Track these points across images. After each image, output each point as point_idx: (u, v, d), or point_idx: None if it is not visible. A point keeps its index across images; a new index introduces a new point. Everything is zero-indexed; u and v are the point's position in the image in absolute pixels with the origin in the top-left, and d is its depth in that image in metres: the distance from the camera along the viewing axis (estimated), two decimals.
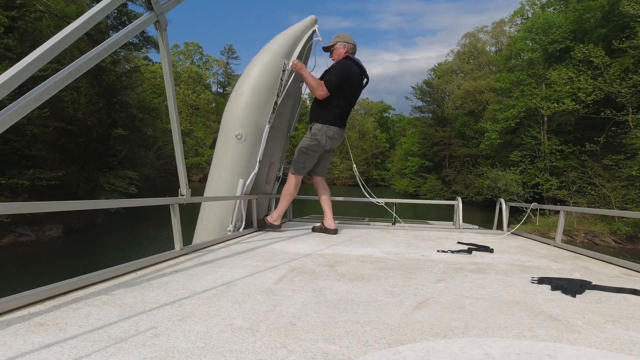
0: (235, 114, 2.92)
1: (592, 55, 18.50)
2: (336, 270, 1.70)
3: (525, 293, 1.40)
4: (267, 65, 2.94)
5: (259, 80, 2.92)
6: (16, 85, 0.96)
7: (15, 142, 10.88)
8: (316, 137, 2.94)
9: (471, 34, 38.87)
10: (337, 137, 2.99)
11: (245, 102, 2.91)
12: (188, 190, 2.01)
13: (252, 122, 2.91)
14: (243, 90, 2.93)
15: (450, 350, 0.85)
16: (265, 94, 2.93)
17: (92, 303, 1.15)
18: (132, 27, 1.49)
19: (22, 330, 0.93)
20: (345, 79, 2.88)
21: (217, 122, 45.62)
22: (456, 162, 34.89)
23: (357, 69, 2.95)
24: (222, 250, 2.11)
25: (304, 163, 2.99)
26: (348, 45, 3.03)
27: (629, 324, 1.11)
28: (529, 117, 22.75)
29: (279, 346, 0.88)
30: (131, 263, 1.58)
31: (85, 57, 1.24)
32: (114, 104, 16.15)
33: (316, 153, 3.00)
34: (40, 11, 12.86)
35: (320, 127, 2.94)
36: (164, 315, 1.07)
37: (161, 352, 0.83)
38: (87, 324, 0.98)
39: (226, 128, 2.95)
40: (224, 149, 2.94)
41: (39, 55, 1.01)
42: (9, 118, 0.97)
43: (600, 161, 18.23)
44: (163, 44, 1.70)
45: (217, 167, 2.98)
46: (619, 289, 1.46)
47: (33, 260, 9.73)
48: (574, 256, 2.27)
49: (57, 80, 1.12)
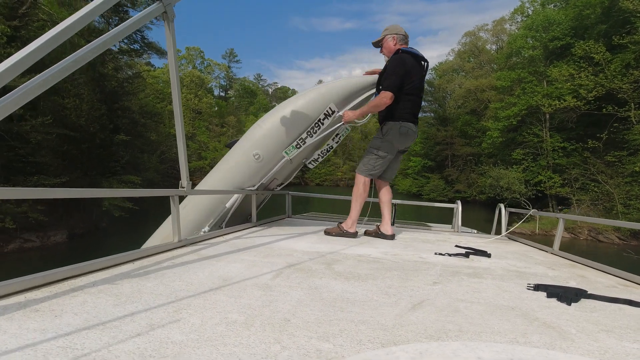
0: (264, 132, 2.85)
1: (592, 52, 18.41)
2: (333, 268, 1.71)
3: (521, 299, 1.40)
4: (313, 101, 2.85)
5: (298, 111, 2.83)
6: (19, 72, 0.95)
7: (20, 150, 11.05)
8: (387, 137, 2.72)
9: (472, 33, 38.82)
10: (411, 134, 2.74)
11: (276, 126, 2.83)
12: (189, 182, 2.01)
13: (273, 148, 2.84)
14: (280, 113, 2.85)
15: (442, 353, 0.85)
16: (297, 126, 2.85)
17: (89, 291, 1.15)
18: (139, 17, 1.46)
19: (18, 315, 0.94)
20: (405, 74, 2.66)
21: (220, 125, 45.87)
22: (459, 161, 34.77)
23: (413, 60, 2.72)
24: (220, 244, 2.10)
25: (374, 165, 2.78)
26: (398, 36, 2.81)
27: (623, 334, 1.10)
28: (530, 114, 22.66)
29: (273, 342, 0.89)
30: (129, 253, 1.58)
31: (89, 47, 1.23)
32: (116, 110, 16.32)
33: (388, 155, 2.78)
34: (43, 20, 13.05)
35: (392, 125, 2.70)
36: (159, 306, 1.07)
37: (155, 343, 0.84)
38: (82, 312, 0.99)
39: (249, 140, 2.88)
40: (236, 158, 2.89)
41: (38, 46, 1.00)
42: (11, 104, 0.97)
43: (603, 158, 18.12)
44: (170, 35, 1.70)
45: (220, 170, 2.95)
46: (614, 299, 1.45)
47: (39, 266, 9.87)
48: (571, 264, 2.26)
49: (61, 68, 1.12)
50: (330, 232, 2.78)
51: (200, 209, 2.86)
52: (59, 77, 1.12)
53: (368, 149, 2.83)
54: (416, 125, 2.80)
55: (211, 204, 2.86)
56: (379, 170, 2.81)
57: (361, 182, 2.80)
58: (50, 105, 12.01)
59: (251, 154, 2.83)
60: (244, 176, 2.88)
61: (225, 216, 2.90)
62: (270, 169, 2.93)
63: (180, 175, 2.04)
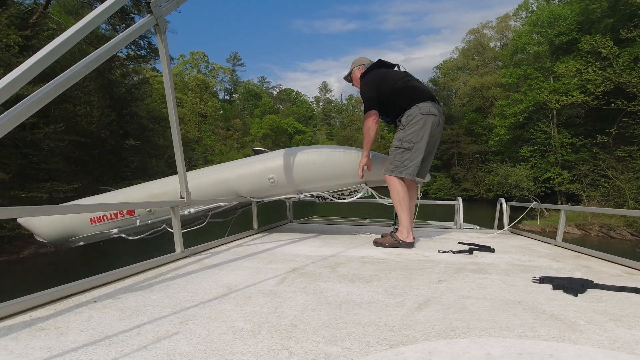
0: (291, 164, 2.74)
1: (600, 46, 18.26)
2: (337, 271, 1.70)
3: (527, 293, 1.40)
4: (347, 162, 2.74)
5: (334, 171, 2.72)
6: (17, 89, 0.95)
7: (33, 157, 11.24)
8: (410, 125, 2.40)
9: (476, 30, 38.66)
10: (435, 112, 2.42)
11: (306, 167, 2.74)
12: (188, 193, 2.01)
13: (290, 183, 2.77)
14: (317, 157, 2.73)
15: (451, 351, 0.85)
16: (323, 182, 2.77)
17: (94, 307, 1.15)
18: (131, 30, 1.47)
19: (24, 335, 0.93)
20: (378, 80, 2.53)
21: (225, 128, 46.10)
22: (465, 160, 34.60)
23: (378, 67, 2.65)
24: (223, 253, 2.10)
25: (402, 159, 2.42)
26: (363, 66, 2.73)
27: (631, 322, 1.10)
28: (537, 111, 22.51)
29: (281, 348, 0.88)
30: (132, 266, 1.58)
31: (85, 61, 1.23)
32: (125, 116, 16.55)
33: (415, 145, 2.40)
34: (53, 29, 13.28)
35: (410, 112, 2.41)
36: (165, 318, 1.06)
37: (163, 356, 0.83)
38: (88, 328, 0.98)
39: (273, 161, 2.78)
40: (253, 169, 2.81)
41: (38, 60, 1.01)
42: (10, 121, 0.97)
43: (612, 153, 17.93)
44: (162, 46, 1.71)
45: (222, 171, 2.88)
46: (620, 288, 1.44)
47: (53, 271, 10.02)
48: (575, 255, 2.27)
49: (57, 84, 1.12)
50: (384, 243, 2.42)
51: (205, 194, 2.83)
52: (55, 93, 1.11)
53: (391, 148, 2.52)
54: (436, 104, 2.47)
55: (214, 192, 2.83)
56: (412, 165, 2.41)
57: (395, 184, 2.44)
58: (62, 112, 12.21)
59: (268, 176, 2.76)
60: (251, 188, 2.82)
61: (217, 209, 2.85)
62: (276, 194, 2.89)
63: (179, 179, 2.03)
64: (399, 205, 2.45)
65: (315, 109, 67.87)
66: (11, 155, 10.59)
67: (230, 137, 46.03)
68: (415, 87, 2.53)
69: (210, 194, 2.81)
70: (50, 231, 2.84)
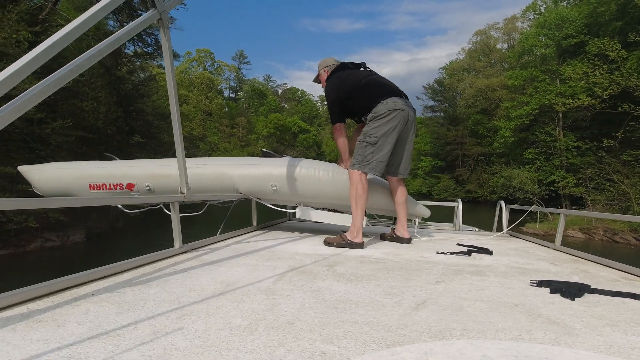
0: (295, 176, 2.73)
1: (607, 49, 18.12)
2: (335, 270, 1.70)
3: (524, 296, 1.40)
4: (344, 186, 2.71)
5: (333, 184, 2.71)
6: (17, 82, 0.95)
7: (41, 152, 11.37)
8: (373, 120, 2.39)
9: (482, 31, 38.51)
10: (401, 106, 2.40)
11: (310, 182, 2.72)
12: (188, 188, 2.02)
13: (292, 193, 2.77)
14: (320, 175, 2.71)
15: (448, 352, 0.85)
16: (325, 199, 2.78)
17: (91, 300, 1.15)
18: (135, 24, 1.45)
19: (21, 327, 0.93)
20: (339, 85, 2.55)
21: (230, 126, 46.26)
22: (470, 161, 34.52)
23: (340, 68, 2.65)
24: (221, 249, 2.11)
25: (364, 154, 2.38)
26: (329, 67, 2.73)
27: (628, 327, 1.10)
28: (543, 113, 22.40)
29: (277, 345, 0.88)
30: (131, 260, 1.57)
31: (87, 54, 1.23)
32: (131, 112, 16.65)
33: (379, 140, 2.36)
34: (61, 25, 13.42)
35: (376, 108, 2.39)
36: (162, 313, 1.07)
37: (159, 350, 0.83)
38: (85, 321, 0.98)
39: (278, 169, 2.77)
40: (257, 172, 2.79)
41: (39, 53, 1.01)
42: (10, 114, 0.97)
43: (618, 157, 17.81)
44: (165, 40, 1.71)
45: (226, 166, 2.87)
46: (617, 293, 1.45)
47: (59, 265, 10.16)
48: (573, 259, 2.26)
49: (58, 77, 1.11)
50: (331, 243, 2.37)
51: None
52: (56, 87, 1.11)
53: (356, 143, 2.49)
54: (403, 99, 2.46)
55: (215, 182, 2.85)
56: (375, 161, 2.37)
57: (356, 180, 2.38)
58: (70, 108, 12.32)
59: (270, 182, 2.76)
60: (252, 189, 2.84)
61: None
62: (276, 200, 2.91)
63: (179, 174, 2.02)
64: (354, 201, 2.39)
65: (319, 108, 67.88)
66: (19, 150, 10.73)
67: (234, 135, 46.18)
68: (378, 83, 2.52)
69: (211, 186, 2.83)
70: (48, 187, 3.04)
